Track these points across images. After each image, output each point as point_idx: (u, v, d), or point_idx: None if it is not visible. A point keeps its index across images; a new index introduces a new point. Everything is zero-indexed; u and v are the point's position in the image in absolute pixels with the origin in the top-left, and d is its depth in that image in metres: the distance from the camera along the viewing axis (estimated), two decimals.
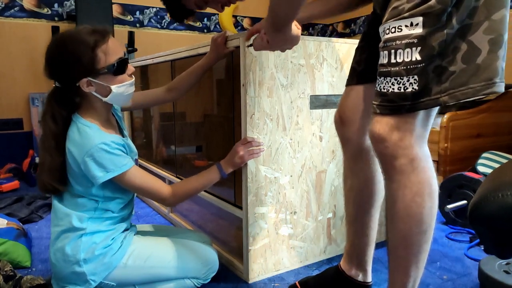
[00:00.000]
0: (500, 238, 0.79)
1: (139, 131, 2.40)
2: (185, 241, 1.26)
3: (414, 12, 0.75)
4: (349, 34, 4.35)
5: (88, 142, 1.04)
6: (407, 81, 0.77)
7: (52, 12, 3.14)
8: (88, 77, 1.05)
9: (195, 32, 3.90)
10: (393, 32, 0.79)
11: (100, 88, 1.08)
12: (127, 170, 1.08)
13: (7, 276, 1.24)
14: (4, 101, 3.01)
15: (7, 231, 1.50)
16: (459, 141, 2.32)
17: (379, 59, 0.84)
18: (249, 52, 1.20)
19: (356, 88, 1.06)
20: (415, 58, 0.76)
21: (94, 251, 1.09)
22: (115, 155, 1.06)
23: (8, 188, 2.49)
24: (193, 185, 1.21)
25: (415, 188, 0.82)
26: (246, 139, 1.24)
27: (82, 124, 1.08)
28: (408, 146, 0.81)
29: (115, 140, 1.07)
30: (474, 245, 1.60)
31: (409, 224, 0.85)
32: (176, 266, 1.18)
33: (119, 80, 1.09)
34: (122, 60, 1.09)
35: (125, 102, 1.17)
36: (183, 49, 1.62)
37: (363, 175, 1.09)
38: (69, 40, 1.05)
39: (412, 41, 0.76)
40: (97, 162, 1.04)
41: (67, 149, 1.08)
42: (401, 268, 0.89)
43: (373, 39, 1.03)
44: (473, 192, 1.71)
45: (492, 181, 0.84)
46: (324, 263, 1.47)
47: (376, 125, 0.83)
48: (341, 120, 1.09)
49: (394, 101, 0.79)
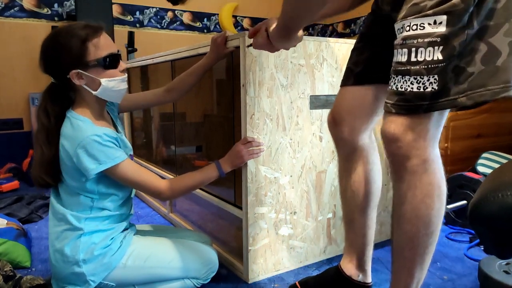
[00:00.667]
0: (500, 238, 0.79)
1: (139, 131, 2.40)
2: (185, 241, 1.26)
3: (437, 10, 0.73)
4: (349, 34, 4.35)
5: (80, 134, 1.05)
6: (427, 80, 0.76)
7: (52, 12, 3.14)
8: (78, 69, 1.06)
9: (195, 32, 3.90)
10: (414, 29, 0.76)
11: (90, 81, 1.08)
12: (120, 163, 1.07)
13: (7, 276, 1.24)
14: (4, 101, 3.01)
15: (7, 231, 1.50)
16: (460, 141, 2.32)
17: (395, 57, 0.81)
18: (249, 52, 1.20)
19: (352, 89, 1.05)
20: (437, 57, 0.74)
21: (93, 252, 1.09)
22: (107, 147, 1.06)
23: (8, 188, 2.49)
24: (190, 181, 1.20)
25: (425, 190, 0.82)
26: (246, 138, 1.23)
27: (75, 118, 1.08)
28: (422, 147, 0.80)
29: (107, 133, 1.07)
30: (474, 245, 1.60)
31: (417, 225, 0.84)
32: (176, 267, 1.18)
33: (109, 74, 1.09)
34: (113, 55, 1.09)
35: (117, 98, 1.16)
36: (183, 49, 1.62)
37: (357, 175, 1.09)
38: (62, 34, 1.07)
39: (435, 39, 0.74)
40: (89, 153, 1.04)
41: (60, 144, 1.08)
42: (405, 269, 0.89)
43: (374, 39, 1.02)
44: (473, 192, 1.71)
45: (492, 181, 0.84)
46: (324, 263, 1.47)
47: (391, 124, 0.81)
48: (335, 121, 1.08)
49: (411, 101, 0.78)
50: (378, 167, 1.11)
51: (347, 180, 1.11)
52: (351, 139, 1.06)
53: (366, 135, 1.08)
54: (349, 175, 1.10)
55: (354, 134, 1.06)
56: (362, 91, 1.04)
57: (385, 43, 0.93)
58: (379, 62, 0.99)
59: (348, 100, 1.06)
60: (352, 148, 1.07)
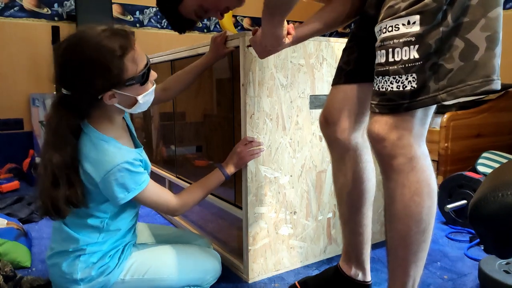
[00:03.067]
0: (500, 237, 0.79)
1: (139, 131, 2.40)
2: (186, 250, 1.20)
3: (410, 11, 0.76)
4: (349, 34, 4.35)
5: (109, 161, 0.94)
6: (406, 79, 0.78)
7: (52, 12, 3.14)
8: (113, 89, 0.94)
9: (195, 32, 3.90)
10: (390, 31, 0.79)
11: (125, 99, 0.98)
12: (146, 187, 1.02)
13: (7, 276, 1.24)
14: (4, 101, 3.01)
15: (7, 231, 1.50)
16: (459, 141, 2.32)
17: (376, 59, 0.83)
18: (249, 52, 1.20)
19: (343, 88, 1.05)
20: (413, 56, 0.76)
21: (90, 272, 1.04)
22: (136, 174, 0.99)
23: (8, 188, 2.49)
24: (200, 192, 1.17)
25: (413, 188, 0.82)
26: (246, 139, 1.23)
27: (98, 139, 0.97)
28: (407, 145, 0.81)
29: (136, 157, 1.00)
30: (474, 245, 1.60)
31: (408, 223, 0.84)
32: (177, 278, 1.13)
33: (144, 89, 1.00)
34: (149, 68, 1.00)
35: (144, 108, 1.06)
36: (183, 49, 1.62)
37: (351, 174, 1.09)
38: (91, 47, 0.91)
39: (410, 39, 0.76)
40: (119, 183, 0.96)
41: (81, 166, 0.97)
42: (400, 268, 0.89)
43: (362, 40, 1.02)
44: (473, 192, 1.71)
45: (492, 181, 0.84)
46: (324, 263, 1.47)
47: (375, 124, 0.83)
48: (327, 121, 1.08)
49: (393, 100, 0.79)
50: (371, 165, 1.11)
51: (342, 180, 1.11)
52: (343, 139, 1.06)
53: (359, 134, 1.08)
54: (343, 175, 1.11)
55: (347, 133, 1.06)
56: (353, 90, 1.04)
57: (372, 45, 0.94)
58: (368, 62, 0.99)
59: (340, 99, 1.06)
60: (345, 148, 1.07)
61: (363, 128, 1.09)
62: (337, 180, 1.14)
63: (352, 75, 1.04)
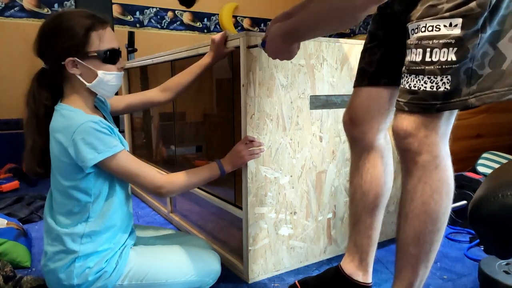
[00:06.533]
0: (500, 238, 0.79)
1: (139, 131, 2.40)
2: (185, 252, 1.19)
3: (454, 13, 0.76)
4: (349, 34, 4.35)
5: (74, 122, 0.98)
6: (440, 80, 0.79)
7: (52, 12, 3.14)
8: (75, 57, 1.01)
9: (195, 32, 3.90)
10: (430, 30, 0.79)
11: (86, 72, 1.03)
12: (118, 153, 1.01)
13: (7, 276, 1.24)
14: (4, 101, 3.01)
15: (7, 231, 1.50)
16: (459, 141, 2.32)
17: (409, 56, 0.84)
18: (249, 52, 1.20)
19: (367, 90, 1.06)
20: (451, 58, 0.77)
21: (87, 277, 1.03)
22: (105, 134, 1.00)
23: (8, 188, 2.49)
24: (191, 177, 1.14)
25: (434, 185, 0.84)
26: (247, 138, 1.23)
27: (66, 110, 1.03)
28: (433, 143, 0.83)
29: (103, 120, 1.01)
30: (474, 245, 1.60)
31: (425, 221, 0.86)
32: (176, 282, 1.13)
33: (107, 68, 1.05)
34: (115, 51, 1.06)
35: (109, 93, 1.09)
36: (183, 49, 1.62)
37: (369, 176, 1.09)
38: (66, 17, 1.02)
39: (450, 41, 0.77)
40: (86, 142, 0.97)
41: (53, 139, 1.02)
42: (410, 266, 0.90)
43: (382, 39, 1.03)
44: (473, 192, 1.71)
45: (492, 181, 0.85)
46: (324, 263, 1.47)
47: (403, 121, 0.84)
48: (352, 121, 1.09)
49: (425, 100, 0.80)
50: (391, 168, 1.12)
51: (358, 180, 1.12)
52: (368, 139, 1.07)
53: (382, 135, 1.09)
54: (360, 175, 1.11)
55: (371, 134, 1.07)
56: (377, 92, 1.05)
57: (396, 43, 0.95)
58: (392, 62, 1.01)
59: (364, 101, 1.07)
60: (367, 148, 1.08)
61: (386, 129, 1.10)
62: (354, 180, 1.14)
63: (376, 77, 1.05)
